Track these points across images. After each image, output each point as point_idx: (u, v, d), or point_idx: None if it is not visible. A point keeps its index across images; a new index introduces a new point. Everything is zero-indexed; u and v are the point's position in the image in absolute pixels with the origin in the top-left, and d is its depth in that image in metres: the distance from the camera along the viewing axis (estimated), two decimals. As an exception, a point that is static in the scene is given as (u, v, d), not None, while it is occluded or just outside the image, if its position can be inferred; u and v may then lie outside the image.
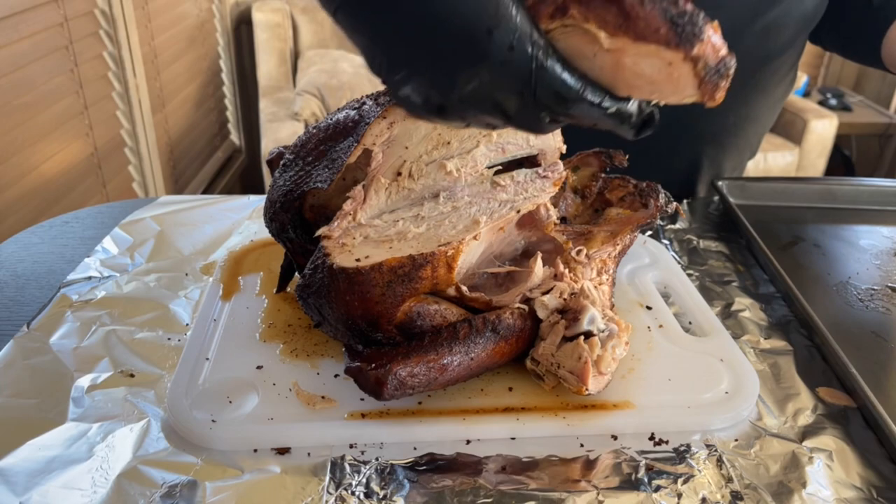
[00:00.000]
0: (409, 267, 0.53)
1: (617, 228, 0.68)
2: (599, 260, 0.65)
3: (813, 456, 0.53)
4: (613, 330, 0.57)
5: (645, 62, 0.42)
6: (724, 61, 0.42)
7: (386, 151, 0.58)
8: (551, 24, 0.43)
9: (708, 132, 1.00)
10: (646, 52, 0.42)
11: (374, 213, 0.58)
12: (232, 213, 0.91)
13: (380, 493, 0.49)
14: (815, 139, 3.04)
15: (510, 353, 0.57)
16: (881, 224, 0.92)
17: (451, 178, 0.60)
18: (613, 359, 0.56)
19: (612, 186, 0.76)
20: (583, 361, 0.54)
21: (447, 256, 0.55)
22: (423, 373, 0.52)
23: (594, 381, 0.55)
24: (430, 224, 0.58)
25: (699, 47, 0.41)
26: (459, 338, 0.54)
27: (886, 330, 0.70)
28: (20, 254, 0.82)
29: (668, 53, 0.41)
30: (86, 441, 0.53)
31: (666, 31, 0.41)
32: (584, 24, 0.42)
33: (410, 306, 0.54)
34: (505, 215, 0.60)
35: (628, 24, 0.42)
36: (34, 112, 1.69)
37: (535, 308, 0.58)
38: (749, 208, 0.92)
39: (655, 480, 0.50)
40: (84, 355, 0.62)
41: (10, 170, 1.60)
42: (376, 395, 0.52)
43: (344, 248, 0.55)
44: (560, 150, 0.66)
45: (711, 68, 0.42)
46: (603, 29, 0.42)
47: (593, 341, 0.55)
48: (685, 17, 0.41)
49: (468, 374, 0.55)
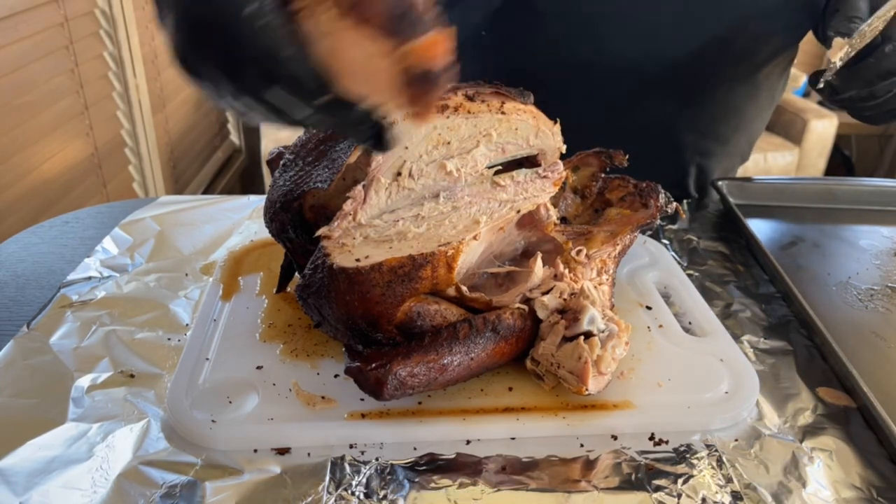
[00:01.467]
0: (409, 267, 0.53)
1: (617, 228, 0.68)
2: (599, 260, 0.65)
3: (813, 456, 0.53)
4: (613, 330, 0.57)
5: (359, 48, 0.40)
6: (434, 71, 0.39)
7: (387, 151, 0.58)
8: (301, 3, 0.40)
9: (698, 143, 1.00)
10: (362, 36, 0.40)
11: (374, 214, 0.58)
12: (232, 213, 0.91)
13: (380, 493, 0.49)
14: (815, 139, 3.04)
15: (510, 353, 0.57)
16: (881, 224, 0.92)
17: (451, 178, 0.60)
18: (613, 359, 0.56)
19: (612, 186, 0.76)
20: (583, 361, 0.54)
21: (447, 256, 0.55)
22: (424, 373, 0.52)
23: (594, 381, 0.55)
24: (431, 224, 0.58)
25: (410, 45, 0.39)
26: (459, 338, 0.54)
27: (886, 330, 0.70)
28: (20, 254, 0.82)
29: (379, 42, 0.39)
30: (86, 441, 0.53)
31: (384, 18, 0.39)
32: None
33: (410, 306, 0.54)
34: (505, 215, 0.60)
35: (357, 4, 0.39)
36: (34, 112, 1.69)
37: (535, 308, 0.58)
38: (749, 208, 0.92)
39: (655, 480, 0.50)
40: (84, 355, 0.62)
41: (10, 170, 1.60)
42: (376, 396, 0.52)
43: (344, 248, 0.55)
44: (560, 149, 0.66)
45: (417, 72, 0.39)
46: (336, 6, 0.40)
47: (593, 341, 0.55)
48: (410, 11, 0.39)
49: (468, 374, 0.55)
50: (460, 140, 0.61)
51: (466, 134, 0.61)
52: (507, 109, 0.62)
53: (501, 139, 0.62)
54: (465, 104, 0.60)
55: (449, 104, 0.60)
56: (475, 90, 0.61)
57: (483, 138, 0.61)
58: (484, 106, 0.61)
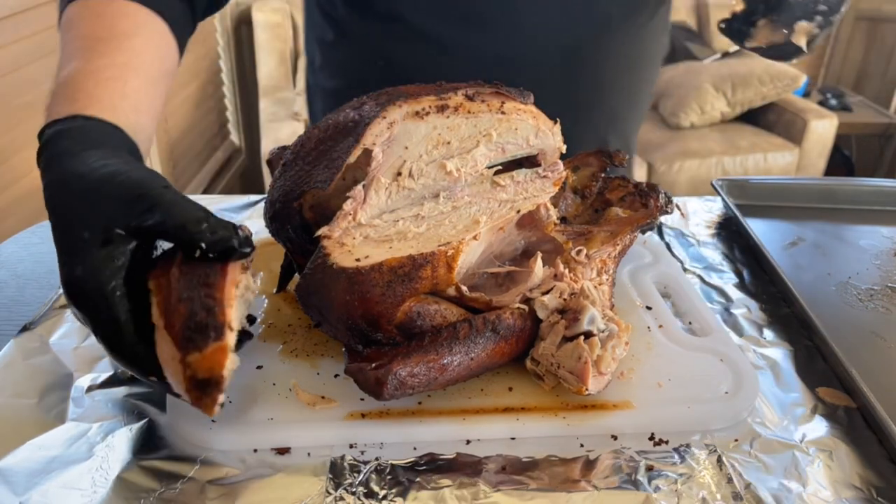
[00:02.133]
0: (409, 267, 0.53)
1: (617, 228, 0.68)
2: (599, 260, 0.65)
3: (813, 456, 0.53)
4: (613, 330, 0.57)
5: (167, 347, 0.47)
6: (212, 380, 0.46)
7: (386, 151, 0.58)
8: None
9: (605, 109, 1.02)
10: (167, 339, 0.47)
11: (374, 213, 0.58)
12: (232, 213, 0.91)
13: (380, 493, 0.49)
14: (815, 139, 3.04)
15: (510, 353, 0.57)
16: (881, 224, 0.92)
17: (451, 177, 0.60)
18: (613, 359, 0.56)
19: (612, 186, 0.76)
20: (583, 361, 0.54)
21: (447, 256, 0.55)
22: (424, 373, 0.52)
23: (594, 381, 0.55)
24: (431, 224, 0.58)
25: (194, 356, 0.46)
26: (459, 338, 0.54)
27: (886, 330, 0.70)
28: (20, 254, 0.82)
29: (174, 349, 0.47)
30: (86, 441, 0.53)
31: (177, 330, 0.47)
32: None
33: (410, 306, 0.54)
34: (505, 215, 0.60)
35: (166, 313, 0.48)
36: (34, 112, 1.69)
37: (535, 308, 0.58)
38: (749, 208, 0.92)
39: (655, 480, 0.50)
40: (84, 355, 0.62)
41: (10, 169, 1.60)
42: (376, 395, 0.52)
43: (344, 248, 0.55)
44: (560, 149, 0.66)
45: (198, 378, 0.46)
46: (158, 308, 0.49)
47: (593, 341, 0.55)
48: (199, 326, 0.46)
49: (468, 374, 0.55)
50: (460, 140, 0.61)
51: (466, 134, 0.61)
52: (507, 109, 0.62)
53: (501, 139, 0.62)
54: (466, 104, 0.60)
55: (449, 104, 0.59)
56: (475, 90, 0.61)
57: (483, 138, 0.61)
58: (484, 106, 0.61)
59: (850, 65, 3.82)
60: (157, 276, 0.50)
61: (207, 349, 0.46)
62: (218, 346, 0.46)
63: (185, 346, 0.46)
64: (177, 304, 0.47)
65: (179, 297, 0.47)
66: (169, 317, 0.48)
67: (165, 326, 0.48)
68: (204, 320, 0.46)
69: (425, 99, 0.59)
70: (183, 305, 0.47)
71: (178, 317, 0.47)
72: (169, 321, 0.47)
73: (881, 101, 3.60)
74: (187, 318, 0.47)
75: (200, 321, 0.46)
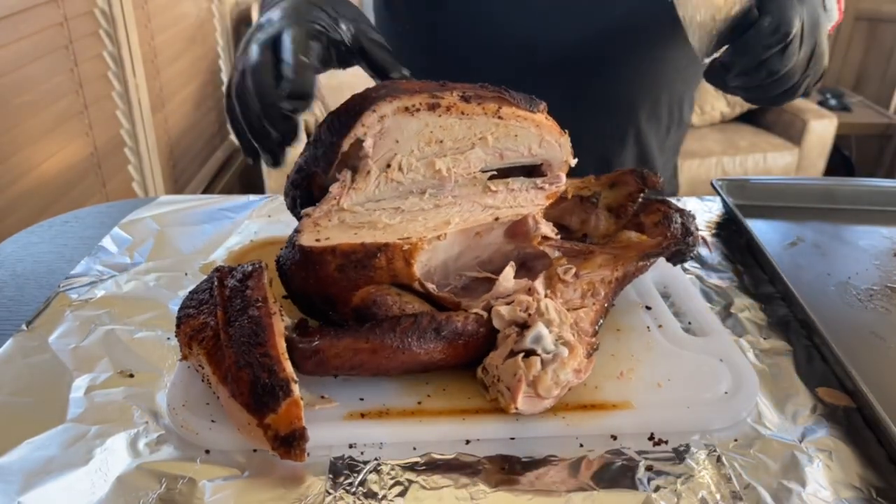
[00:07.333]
0: (360, 254, 0.55)
1: (621, 253, 0.66)
2: (587, 282, 0.63)
3: (812, 456, 0.53)
4: (562, 354, 0.55)
5: (239, 414, 0.50)
6: (296, 433, 0.49)
7: (378, 142, 0.58)
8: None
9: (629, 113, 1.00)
10: (236, 407, 0.50)
11: (358, 200, 0.59)
12: (232, 213, 0.90)
13: (379, 493, 0.49)
14: (815, 139, 3.04)
15: (458, 356, 0.57)
16: (881, 224, 0.92)
17: (441, 176, 0.60)
18: (556, 383, 0.54)
19: (650, 210, 0.72)
20: (517, 379, 0.53)
21: (403, 251, 0.56)
22: (349, 356, 0.53)
23: (526, 401, 0.53)
24: (406, 218, 0.59)
25: (271, 418, 0.49)
26: (397, 331, 0.54)
27: (886, 330, 0.70)
28: (20, 253, 0.82)
29: (248, 415, 0.49)
30: (85, 441, 0.53)
31: (246, 397, 0.49)
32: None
33: (369, 293, 0.55)
34: (480, 220, 0.60)
35: (225, 382, 0.51)
36: (34, 111, 1.69)
37: (492, 316, 0.58)
38: (749, 208, 0.92)
39: (655, 480, 0.50)
40: (83, 355, 0.62)
41: (10, 169, 1.60)
42: (297, 367, 0.53)
43: (316, 227, 0.57)
44: (568, 163, 0.65)
45: (280, 438, 0.48)
46: (214, 374, 0.52)
47: (531, 360, 0.54)
48: (266, 388, 0.49)
49: (403, 368, 0.56)
50: (454, 140, 0.60)
51: (460, 135, 0.60)
52: (505, 115, 0.60)
53: (499, 144, 0.61)
54: (458, 104, 0.59)
55: (441, 103, 0.58)
56: (474, 92, 0.60)
57: (478, 141, 0.61)
58: (479, 108, 0.59)
59: (849, 65, 3.81)
60: (200, 340, 0.54)
61: (281, 408, 0.49)
62: (290, 401, 0.49)
63: (260, 410, 0.49)
64: (237, 372, 0.50)
65: (237, 364, 0.50)
66: (233, 386, 0.50)
67: (231, 395, 0.50)
68: (269, 381, 0.49)
69: (418, 96, 0.58)
70: (244, 372, 0.50)
71: (242, 384, 0.50)
72: (234, 390, 0.50)
73: (881, 101, 3.60)
74: (252, 384, 0.49)
75: (266, 384, 0.49)
